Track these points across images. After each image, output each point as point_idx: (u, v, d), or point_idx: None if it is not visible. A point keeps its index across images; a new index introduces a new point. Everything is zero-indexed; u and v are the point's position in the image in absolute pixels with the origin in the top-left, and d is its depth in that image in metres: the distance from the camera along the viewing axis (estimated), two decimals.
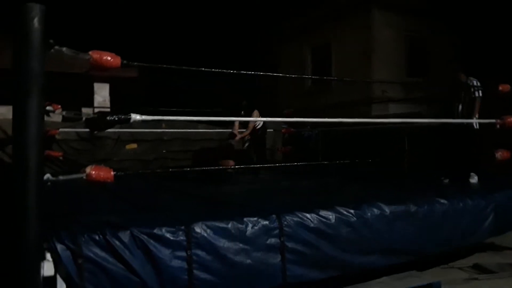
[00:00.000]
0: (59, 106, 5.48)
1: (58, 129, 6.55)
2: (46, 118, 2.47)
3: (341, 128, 8.03)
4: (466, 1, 11.19)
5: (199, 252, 2.66)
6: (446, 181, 5.09)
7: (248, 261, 2.83)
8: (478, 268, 4.02)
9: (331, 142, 8.73)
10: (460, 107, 5.06)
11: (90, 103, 9.11)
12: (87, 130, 7.67)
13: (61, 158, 6.97)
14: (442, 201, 3.68)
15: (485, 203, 3.92)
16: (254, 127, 5.94)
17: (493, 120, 3.76)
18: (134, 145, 8.43)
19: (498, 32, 11.14)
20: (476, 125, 5.01)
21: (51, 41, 2.09)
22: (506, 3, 10.64)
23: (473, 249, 4.34)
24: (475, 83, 5.02)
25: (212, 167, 3.61)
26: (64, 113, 2.70)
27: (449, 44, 12.08)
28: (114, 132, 7.78)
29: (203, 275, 2.65)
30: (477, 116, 4.99)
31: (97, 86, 9.66)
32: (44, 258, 2.31)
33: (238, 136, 6.00)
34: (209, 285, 2.67)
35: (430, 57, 12.21)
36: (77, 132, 7.64)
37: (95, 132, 7.69)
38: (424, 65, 12.11)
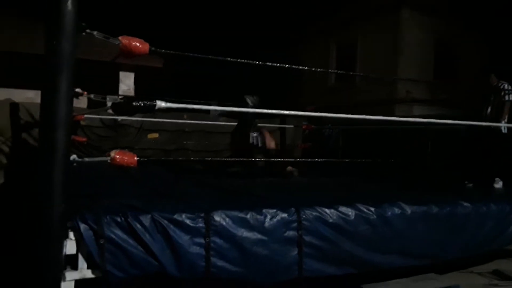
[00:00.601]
0: (85, 92, 5.60)
1: (84, 114, 6.68)
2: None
3: (363, 127, 7.92)
4: (497, 4, 10.85)
5: (217, 240, 2.69)
6: (470, 185, 4.98)
7: (265, 252, 2.84)
8: (498, 274, 3.93)
9: (351, 141, 8.63)
10: (489, 110, 4.93)
11: (115, 91, 9.26)
12: (112, 117, 7.89)
13: (85, 143, 7.12)
14: (465, 204, 3.60)
15: (509, 209, 3.81)
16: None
17: None
18: (156, 135, 8.54)
19: None
20: (504, 129, 4.87)
21: (83, 24, 2.13)
22: None
23: (493, 255, 4.23)
24: (506, 87, 4.88)
25: (231, 159, 3.61)
26: (92, 96, 2.75)
27: (479, 48, 11.77)
28: (137, 120, 7.89)
29: (220, 262, 2.68)
30: (505, 120, 4.86)
31: (122, 74, 9.82)
32: (67, 236, 2.37)
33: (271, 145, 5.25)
34: (225, 273, 2.69)
35: (459, 60, 11.92)
36: (101, 119, 7.78)
37: (119, 119, 7.85)
38: (452, 68, 11.83)
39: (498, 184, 4.94)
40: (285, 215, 2.94)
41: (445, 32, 11.67)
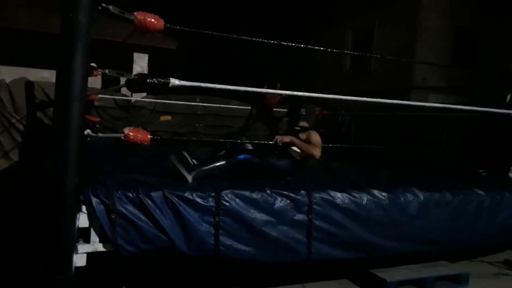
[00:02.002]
0: (100, 72, 5.61)
1: (98, 94, 6.71)
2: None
3: (377, 114, 7.81)
4: None
5: (227, 219, 2.70)
6: (485, 173, 4.90)
7: (274, 233, 2.84)
8: (509, 264, 3.91)
9: (364, 127, 8.53)
10: (508, 97, 4.81)
11: (128, 72, 9.24)
12: (125, 98, 7.93)
13: (98, 124, 7.17)
14: (479, 192, 3.55)
15: None
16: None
17: None
18: (168, 117, 8.56)
19: None
20: None
21: None
22: None
23: (504, 245, 4.19)
24: None
25: (243, 140, 3.58)
26: (107, 71, 2.75)
27: (499, 35, 11.43)
28: (150, 102, 7.92)
29: (229, 241, 2.69)
30: None
31: (136, 55, 9.81)
32: (80, 210, 2.40)
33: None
34: (234, 252, 2.71)
35: (479, 48, 11.62)
36: (114, 100, 7.82)
37: (133, 101, 7.88)
38: (471, 55, 11.54)
39: None
40: (295, 198, 2.93)
41: (466, 18, 11.36)
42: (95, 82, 8.00)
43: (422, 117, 7.12)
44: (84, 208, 2.42)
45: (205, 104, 8.22)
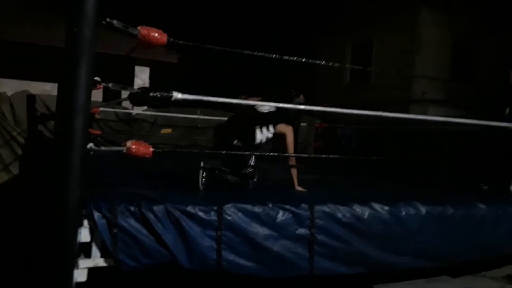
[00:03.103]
0: (101, 86, 5.65)
1: (99, 107, 6.74)
2: None
3: (377, 127, 7.83)
4: None
5: (229, 233, 2.68)
6: (486, 187, 4.88)
7: (276, 248, 2.83)
8: (511, 279, 3.86)
9: (364, 141, 8.54)
10: (507, 111, 4.83)
11: (130, 85, 9.27)
12: (126, 111, 7.96)
13: (99, 137, 7.19)
14: (481, 206, 3.53)
15: None
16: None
17: None
18: (169, 130, 8.59)
19: None
20: None
21: (104, 12, 2.14)
22: None
23: (507, 260, 4.15)
24: None
25: (246, 152, 3.60)
26: (110, 85, 2.76)
27: (499, 50, 11.54)
28: (151, 115, 7.95)
29: (231, 256, 2.68)
30: None
31: (138, 69, 9.87)
32: (81, 224, 2.39)
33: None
34: (236, 267, 2.69)
35: (478, 61, 11.71)
36: (116, 113, 7.86)
37: (134, 114, 7.91)
38: (470, 69, 11.63)
39: None
40: (298, 211, 2.92)
41: (464, 32, 11.47)
42: (96, 95, 8.02)
43: (422, 130, 7.15)
44: (85, 222, 2.41)
45: (206, 117, 8.25)
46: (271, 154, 3.76)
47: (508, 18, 11.18)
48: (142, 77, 9.85)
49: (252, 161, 3.64)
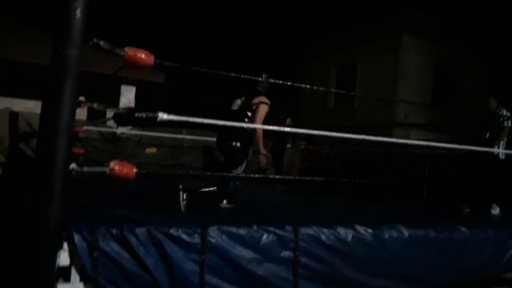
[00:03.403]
0: (86, 104, 5.62)
1: (83, 126, 6.68)
2: None
3: (361, 149, 7.95)
4: (497, 30, 11.05)
5: (213, 256, 2.65)
6: (467, 210, 4.97)
7: (260, 271, 2.79)
8: None
9: (349, 162, 8.63)
10: (487, 135, 4.96)
11: (115, 104, 9.28)
12: (110, 130, 7.89)
13: (82, 156, 7.09)
14: (463, 229, 3.58)
15: (506, 235, 3.79)
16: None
17: None
18: (154, 149, 8.53)
19: None
20: (501, 155, 4.89)
21: (91, 33, 2.15)
22: None
23: (490, 283, 4.18)
24: (504, 113, 4.92)
25: (231, 173, 3.62)
26: (95, 105, 2.74)
27: (478, 74, 11.93)
28: (136, 134, 7.90)
29: (214, 280, 2.63)
30: (503, 146, 4.89)
31: (123, 88, 9.86)
32: (61, 247, 2.33)
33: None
34: None
35: (458, 86, 12.06)
36: (100, 131, 7.78)
37: (118, 133, 7.85)
38: (451, 93, 11.96)
39: (495, 210, 4.93)
40: (282, 234, 2.91)
41: (445, 57, 11.84)
42: (80, 113, 7.96)
43: (405, 153, 7.27)
44: (65, 245, 2.35)
45: (191, 137, 8.23)
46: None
47: (486, 44, 11.61)
48: (128, 96, 9.83)
49: (241, 168, 3.81)
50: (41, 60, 7.37)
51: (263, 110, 3.81)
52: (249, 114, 3.85)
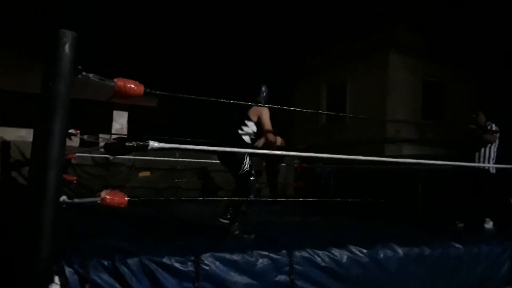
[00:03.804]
0: (78, 131, 5.63)
1: (75, 153, 6.66)
2: None
3: (354, 167, 7.99)
4: (484, 45, 11.30)
5: (207, 284, 2.63)
6: (461, 225, 4.98)
7: None
8: None
9: (343, 180, 8.66)
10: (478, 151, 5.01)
11: (107, 129, 9.30)
12: (103, 155, 7.87)
13: (75, 182, 7.04)
14: (457, 245, 3.59)
15: (500, 250, 3.80)
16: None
17: (509, 166, 3.71)
18: (147, 173, 8.49)
19: None
20: (492, 169, 4.94)
21: (80, 67, 2.17)
22: None
23: None
24: (493, 128, 4.99)
25: (224, 198, 3.62)
26: (86, 136, 2.75)
27: (466, 89, 12.12)
28: (129, 159, 7.87)
29: None
30: (493, 161, 4.94)
31: (116, 113, 9.89)
32: (52, 281, 2.30)
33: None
34: None
35: (446, 101, 12.23)
36: (92, 158, 7.76)
37: (111, 158, 7.83)
38: (440, 108, 12.12)
39: (489, 224, 4.95)
40: (277, 258, 2.90)
41: (433, 73, 12.05)
42: (73, 140, 7.94)
43: (398, 169, 7.32)
44: (56, 278, 2.32)
45: (185, 160, 8.22)
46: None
47: (474, 59, 11.85)
48: (120, 121, 9.85)
49: (247, 163, 3.68)
50: (31, 89, 7.41)
51: (266, 115, 3.76)
52: (248, 123, 3.78)
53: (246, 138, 3.77)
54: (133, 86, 2.52)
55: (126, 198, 2.58)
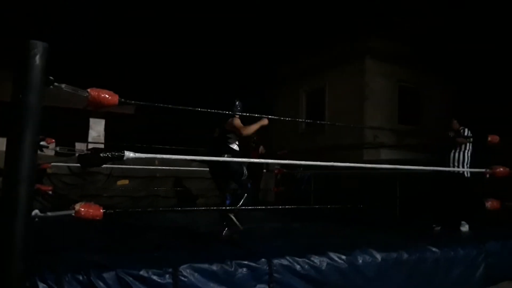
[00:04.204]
0: (53, 140, 5.48)
1: (50, 163, 6.49)
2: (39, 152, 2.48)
3: (333, 172, 8.06)
4: (458, 53, 11.60)
5: None
6: (438, 228, 5.08)
7: None
8: None
9: (323, 184, 8.73)
10: (452, 155, 5.13)
11: (84, 137, 9.11)
12: (79, 165, 7.70)
13: (50, 192, 6.86)
14: (434, 249, 3.65)
15: (476, 252, 3.89)
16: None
17: (483, 170, 3.81)
18: (126, 181, 8.35)
19: (490, 83, 11.52)
20: (467, 173, 5.07)
21: (51, 78, 2.12)
22: (497, 54, 11.09)
23: None
24: (466, 133, 5.12)
25: (202, 208, 3.60)
26: (58, 148, 2.68)
27: (441, 94, 12.41)
28: (107, 167, 7.73)
29: None
30: (468, 165, 5.06)
31: (92, 121, 9.71)
32: None
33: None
34: None
35: (422, 106, 12.50)
36: (69, 167, 7.58)
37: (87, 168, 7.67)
38: (416, 113, 12.37)
39: (465, 227, 5.06)
40: (256, 267, 2.89)
41: (408, 79, 12.29)
42: (48, 150, 7.75)
43: (376, 173, 7.43)
44: None
45: (164, 167, 8.12)
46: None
47: (449, 64, 12.15)
48: (97, 129, 9.68)
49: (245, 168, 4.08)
50: (4, 96, 7.21)
51: (237, 122, 4.01)
52: (229, 135, 4.08)
53: (234, 147, 4.10)
54: (107, 96, 2.47)
55: (102, 210, 2.53)
